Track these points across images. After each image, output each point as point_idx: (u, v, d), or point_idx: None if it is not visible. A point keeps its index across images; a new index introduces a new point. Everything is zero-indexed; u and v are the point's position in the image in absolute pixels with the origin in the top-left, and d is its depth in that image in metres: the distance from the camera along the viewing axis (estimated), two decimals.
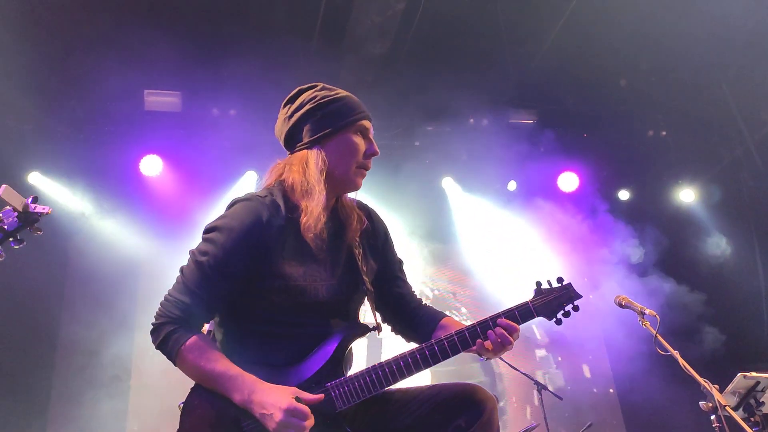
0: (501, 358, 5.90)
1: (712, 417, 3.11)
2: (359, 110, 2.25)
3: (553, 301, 2.17)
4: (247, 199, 2.14)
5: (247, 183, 7.02)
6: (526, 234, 7.59)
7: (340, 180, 2.21)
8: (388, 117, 7.26)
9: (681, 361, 3.08)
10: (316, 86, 2.30)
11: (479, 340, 2.08)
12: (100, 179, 6.71)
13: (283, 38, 6.34)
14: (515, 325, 2.10)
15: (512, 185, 7.97)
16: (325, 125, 2.19)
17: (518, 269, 7.22)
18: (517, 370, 5.73)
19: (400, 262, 2.52)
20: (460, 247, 7.97)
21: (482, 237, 7.75)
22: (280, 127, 2.31)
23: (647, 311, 3.23)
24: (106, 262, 6.52)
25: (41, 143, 6.53)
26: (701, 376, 2.96)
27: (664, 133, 8.11)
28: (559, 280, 2.22)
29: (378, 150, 2.27)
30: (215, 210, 6.29)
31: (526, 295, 2.21)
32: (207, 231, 2.13)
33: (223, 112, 6.92)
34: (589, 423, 5.61)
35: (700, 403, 3.12)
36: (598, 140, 7.91)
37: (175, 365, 2.06)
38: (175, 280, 2.12)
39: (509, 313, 2.13)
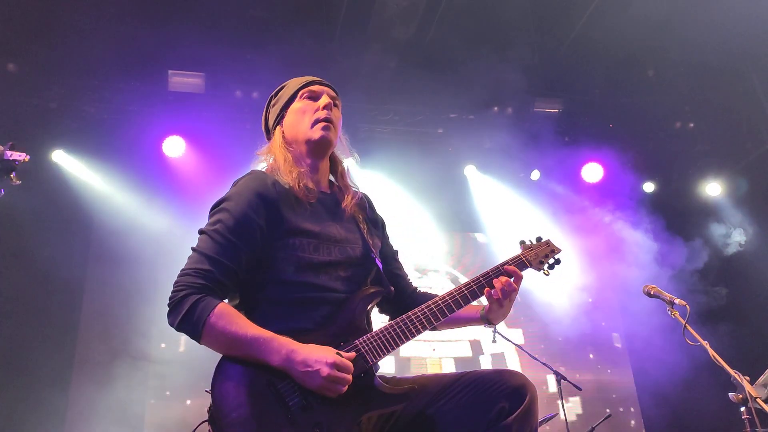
0: (521, 348, 5.89)
1: (742, 409, 3.05)
2: (303, 82, 2.44)
3: (539, 253, 2.45)
4: (249, 173, 2.29)
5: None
6: (549, 224, 7.52)
7: (304, 142, 2.34)
8: (411, 103, 7.22)
9: (711, 351, 3.04)
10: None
11: (487, 289, 2.26)
12: (123, 159, 6.74)
13: (308, 22, 6.31)
14: (519, 271, 2.33)
15: (536, 174, 7.90)
16: (277, 108, 2.44)
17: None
18: (537, 360, 5.69)
19: (396, 252, 2.63)
20: (482, 236, 7.93)
21: (504, 226, 7.70)
22: (263, 127, 2.56)
23: (677, 301, 3.18)
24: (128, 242, 6.56)
25: (66, 122, 6.58)
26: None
27: (691, 125, 7.97)
28: (538, 238, 2.52)
29: (329, 100, 2.37)
30: None
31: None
32: (215, 206, 2.20)
33: (246, 94, 6.91)
34: (608, 414, 5.57)
35: (730, 394, 3.06)
36: (624, 131, 7.80)
37: (199, 340, 2.00)
38: (187, 260, 2.10)
39: (506, 264, 2.35)
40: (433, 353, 7.16)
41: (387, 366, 6.52)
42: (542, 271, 2.42)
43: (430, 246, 7.61)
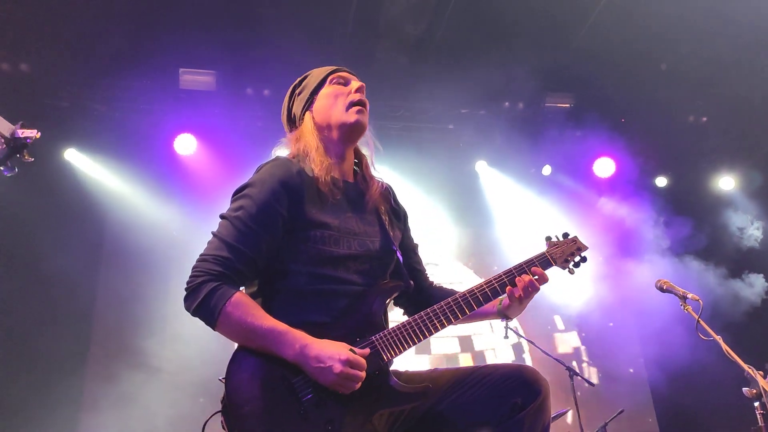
0: (533, 343, 5.88)
1: (756, 404, 3.04)
2: (329, 69, 2.41)
3: (566, 250, 2.38)
4: (274, 159, 2.25)
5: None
6: (560, 219, 7.49)
7: (339, 126, 2.30)
8: (421, 100, 7.21)
9: (724, 346, 3.02)
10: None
11: (509, 288, 2.22)
12: (135, 157, 6.79)
13: (318, 19, 6.31)
14: (543, 272, 2.27)
15: (547, 170, 7.87)
16: (305, 95, 2.38)
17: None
18: (549, 356, 5.68)
19: (417, 246, 2.60)
20: (493, 231, 7.91)
21: (515, 221, 7.67)
22: (284, 120, 2.49)
23: (690, 296, 3.17)
24: (140, 239, 6.61)
25: (78, 121, 6.63)
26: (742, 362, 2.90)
27: (704, 118, 7.90)
28: (565, 234, 2.43)
29: (360, 83, 2.35)
30: None
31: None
32: (238, 191, 2.17)
33: (257, 92, 6.93)
34: (621, 409, 5.54)
35: (744, 389, 3.05)
36: (636, 125, 7.74)
37: (214, 327, 2.00)
38: (207, 244, 2.09)
39: (531, 263, 2.29)
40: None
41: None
42: (567, 269, 2.37)
43: (440, 241, 7.61)
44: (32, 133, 1.93)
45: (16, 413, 5.83)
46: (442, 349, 7.24)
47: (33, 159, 1.96)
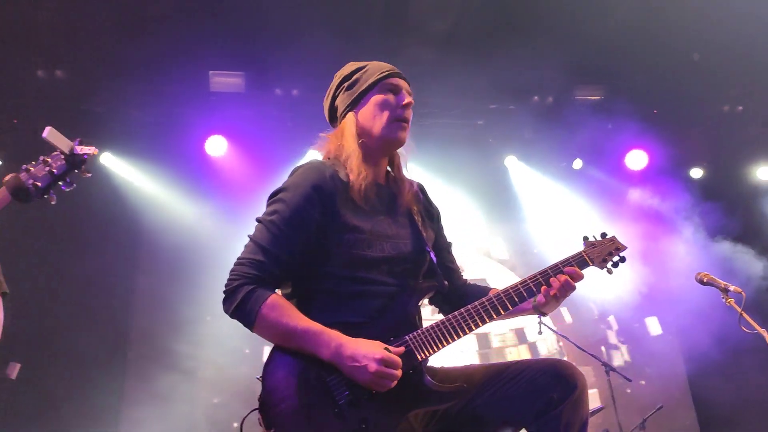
0: (567, 338, 5.81)
1: None
2: (383, 70, 2.36)
3: (603, 250, 2.35)
4: (308, 163, 2.26)
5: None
6: (593, 214, 7.40)
7: (379, 137, 2.29)
8: (449, 96, 7.17)
9: None
10: (346, 65, 2.45)
11: (544, 287, 2.21)
12: (168, 160, 6.91)
13: (344, 18, 6.32)
14: (579, 271, 2.24)
15: (578, 163, 7.77)
16: (352, 92, 2.34)
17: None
18: (584, 351, 5.62)
19: (450, 244, 2.60)
20: (524, 226, 7.85)
21: (547, 217, 7.60)
22: (325, 109, 2.49)
23: (732, 288, 3.11)
24: (174, 240, 6.73)
25: (113, 126, 6.76)
26: None
27: (740, 107, 7.71)
28: (603, 234, 2.40)
29: (410, 99, 2.34)
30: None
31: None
32: (273, 195, 2.21)
33: (286, 92, 6.98)
34: (660, 405, 5.46)
35: None
36: (669, 116, 7.60)
37: (252, 328, 2.04)
38: (243, 248, 2.14)
39: (567, 262, 2.27)
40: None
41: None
42: (605, 269, 2.35)
43: (471, 238, 7.58)
44: (90, 150, 2.00)
45: (61, 404, 6.05)
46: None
47: (90, 174, 2.03)
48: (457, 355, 7.03)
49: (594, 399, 6.71)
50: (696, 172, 7.93)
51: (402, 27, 6.50)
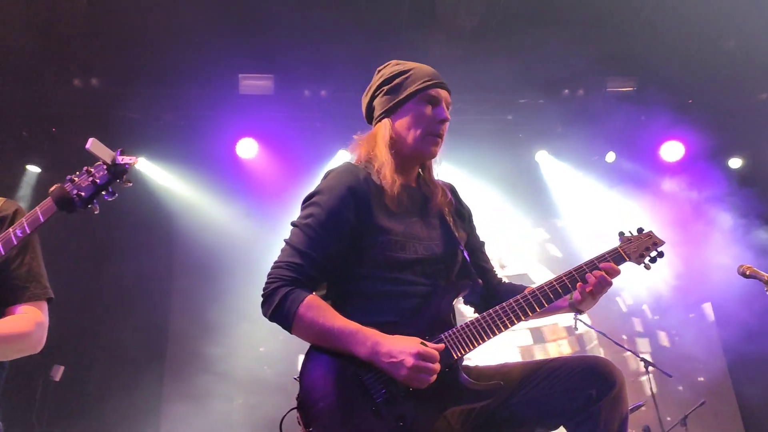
0: (606, 335, 5.72)
1: None
2: (425, 79, 2.33)
3: (640, 246, 2.29)
4: (341, 165, 2.30)
5: (339, 162, 7.10)
6: (628, 208, 7.28)
7: (411, 148, 2.30)
8: (478, 91, 7.13)
9: None
10: (390, 63, 2.44)
11: (579, 284, 2.18)
12: (200, 163, 7.01)
13: (371, 17, 6.32)
14: (615, 266, 2.20)
15: (611, 156, 7.65)
16: (391, 98, 2.33)
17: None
18: (622, 347, 5.54)
19: (483, 243, 2.60)
20: (558, 221, 7.77)
21: (580, 211, 7.51)
22: (363, 106, 2.48)
23: None
24: (208, 241, 6.84)
25: (147, 130, 6.89)
26: None
27: None
28: (639, 229, 2.35)
29: (447, 116, 2.33)
30: (309, 189, 6.37)
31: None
32: (307, 198, 2.24)
33: (314, 93, 7.02)
34: (702, 401, 5.36)
35: None
36: (705, 106, 7.43)
37: (290, 330, 2.07)
38: (280, 252, 2.17)
39: (603, 258, 2.23)
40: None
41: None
42: (642, 264, 2.30)
43: (505, 234, 7.52)
44: (131, 160, 2.03)
45: (103, 404, 6.20)
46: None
47: (131, 184, 2.06)
48: (510, 348, 7.02)
49: (634, 395, 6.61)
50: (735, 162, 7.74)
51: (429, 23, 6.48)
